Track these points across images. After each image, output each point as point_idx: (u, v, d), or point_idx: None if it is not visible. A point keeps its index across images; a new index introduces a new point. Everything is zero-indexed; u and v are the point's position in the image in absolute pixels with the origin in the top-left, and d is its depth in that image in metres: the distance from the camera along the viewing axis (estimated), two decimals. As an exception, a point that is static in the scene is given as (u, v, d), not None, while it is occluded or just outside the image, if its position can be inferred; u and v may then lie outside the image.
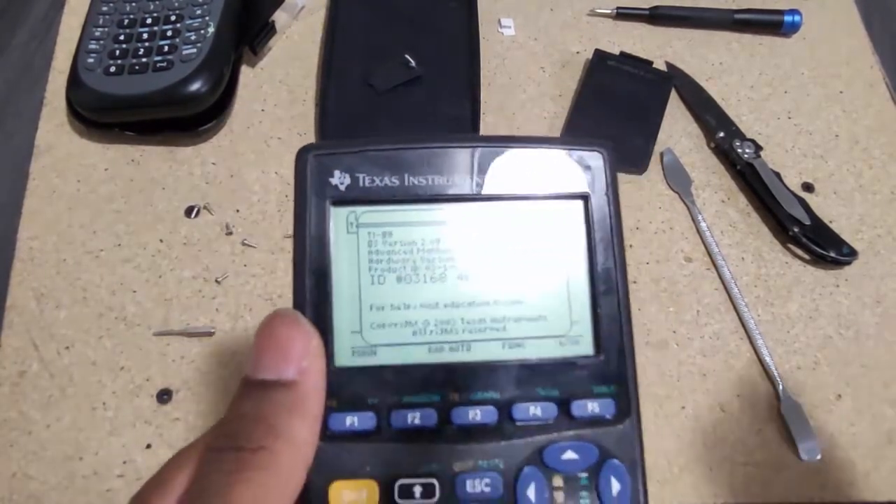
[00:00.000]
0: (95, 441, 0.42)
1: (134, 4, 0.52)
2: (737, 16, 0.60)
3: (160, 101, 0.49)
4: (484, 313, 0.21)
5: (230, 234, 0.49)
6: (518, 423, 0.20)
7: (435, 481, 0.19)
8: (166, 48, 0.50)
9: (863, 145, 0.56)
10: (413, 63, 0.54)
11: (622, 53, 0.57)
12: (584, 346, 0.21)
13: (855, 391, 0.46)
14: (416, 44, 0.55)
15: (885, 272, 0.51)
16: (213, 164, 0.51)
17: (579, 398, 0.20)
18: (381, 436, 0.19)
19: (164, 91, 0.48)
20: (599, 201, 0.22)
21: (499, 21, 0.59)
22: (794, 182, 0.53)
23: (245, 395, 0.18)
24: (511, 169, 0.22)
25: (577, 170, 0.22)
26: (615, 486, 0.20)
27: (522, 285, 0.21)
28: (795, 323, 0.48)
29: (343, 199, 0.21)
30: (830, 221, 0.51)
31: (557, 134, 0.54)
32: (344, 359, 0.20)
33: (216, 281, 0.47)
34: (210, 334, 0.45)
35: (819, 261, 0.50)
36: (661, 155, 0.54)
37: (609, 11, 0.60)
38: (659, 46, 0.59)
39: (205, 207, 0.50)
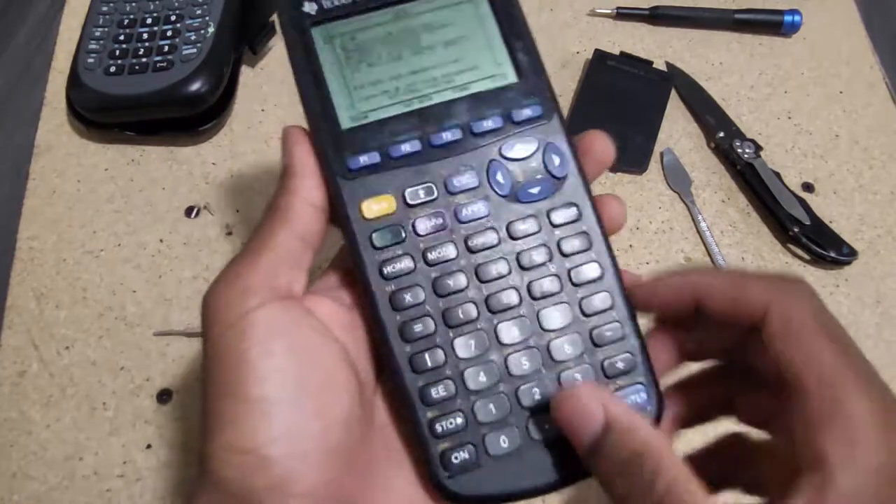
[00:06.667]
0: (95, 441, 0.42)
1: (134, 4, 0.52)
2: (737, 16, 0.60)
3: (160, 101, 0.49)
4: (435, 73, 0.28)
5: (230, 234, 0.49)
6: (477, 134, 0.27)
7: (432, 184, 0.27)
8: (166, 48, 0.50)
9: (863, 145, 0.56)
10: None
11: (622, 53, 0.57)
12: (509, 76, 0.28)
13: (855, 391, 0.46)
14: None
15: (885, 272, 0.51)
16: (213, 164, 0.51)
17: (515, 109, 0.28)
18: (386, 165, 0.27)
19: (164, 91, 0.48)
20: None
21: (499, 21, 0.59)
22: (794, 182, 0.53)
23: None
24: None
25: None
26: (556, 160, 0.27)
27: (458, 49, 0.28)
28: (795, 323, 0.48)
29: (316, 21, 0.28)
30: (830, 221, 0.51)
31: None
32: (347, 123, 0.27)
33: (216, 281, 0.47)
34: (210, 334, 0.45)
35: (819, 261, 0.50)
36: (661, 155, 0.54)
37: (609, 11, 0.60)
38: (659, 46, 0.59)
39: (205, 207, 0.50)
